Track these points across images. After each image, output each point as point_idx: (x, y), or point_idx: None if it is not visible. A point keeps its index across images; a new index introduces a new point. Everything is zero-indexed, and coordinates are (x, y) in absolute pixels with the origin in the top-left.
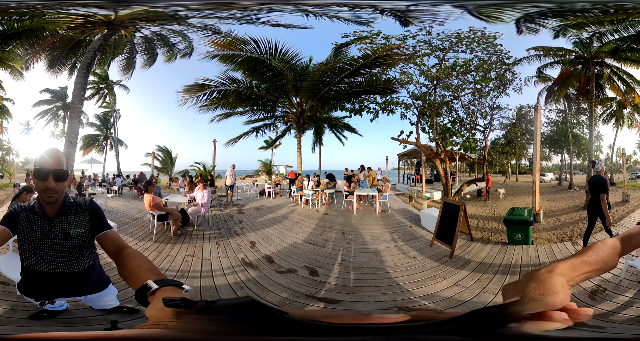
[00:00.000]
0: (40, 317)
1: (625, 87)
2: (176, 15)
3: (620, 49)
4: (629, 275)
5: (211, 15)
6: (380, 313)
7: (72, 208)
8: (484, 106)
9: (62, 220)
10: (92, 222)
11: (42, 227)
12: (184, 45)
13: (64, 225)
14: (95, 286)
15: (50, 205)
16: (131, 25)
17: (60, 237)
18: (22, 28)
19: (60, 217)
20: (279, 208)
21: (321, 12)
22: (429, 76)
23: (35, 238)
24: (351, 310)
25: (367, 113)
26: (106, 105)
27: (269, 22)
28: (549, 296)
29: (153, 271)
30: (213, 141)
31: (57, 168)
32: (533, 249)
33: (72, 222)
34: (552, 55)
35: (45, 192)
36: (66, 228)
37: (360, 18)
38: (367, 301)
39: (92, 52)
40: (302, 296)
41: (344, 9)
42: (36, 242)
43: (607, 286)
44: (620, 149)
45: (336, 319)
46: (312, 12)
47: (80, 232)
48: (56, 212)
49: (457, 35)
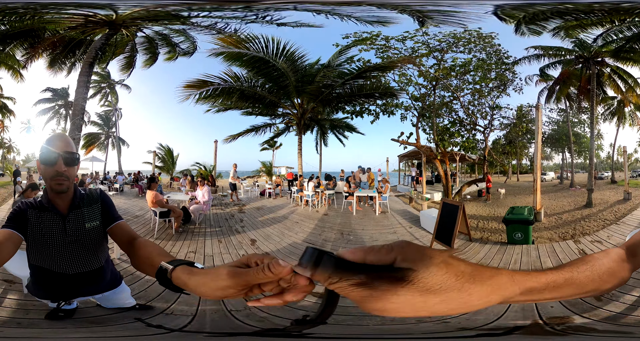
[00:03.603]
0: (55, 317)
1: (626, 86)
2: (179, 14)
3: (622, 49)
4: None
5: (215, 15)
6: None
7: (85, 200)
8: (484, 106)
9: (76, 214)
10: (104, 213)
11: (54, 225)
12: (186, 45)
13: (78, 219)
14: (111, 283)
15: (61, 197)
16: (133, 24)
17: (75, 234)
18: (24, 28)
19: (74, 211)
20: (280, 209)
21: (333, 11)
22: (427, 77)
23: (47, 237)
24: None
25: (368, 115)
26: (108, 104)
27: (276, 21)
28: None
29: (165, 255)
30: (214, 141)
31: (67, 151)
32: (534, 249)
33: (86, 214)
34: (552, 55)
35: (55, 179)
36: (81, 223)
37: (373, 18)
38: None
39: (94, 51)
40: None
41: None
42: (49, 241)
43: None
44: (620, 147)
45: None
46: (324, 11)
47: (95, 225)
48: (68, 205)
49: (454, 36)
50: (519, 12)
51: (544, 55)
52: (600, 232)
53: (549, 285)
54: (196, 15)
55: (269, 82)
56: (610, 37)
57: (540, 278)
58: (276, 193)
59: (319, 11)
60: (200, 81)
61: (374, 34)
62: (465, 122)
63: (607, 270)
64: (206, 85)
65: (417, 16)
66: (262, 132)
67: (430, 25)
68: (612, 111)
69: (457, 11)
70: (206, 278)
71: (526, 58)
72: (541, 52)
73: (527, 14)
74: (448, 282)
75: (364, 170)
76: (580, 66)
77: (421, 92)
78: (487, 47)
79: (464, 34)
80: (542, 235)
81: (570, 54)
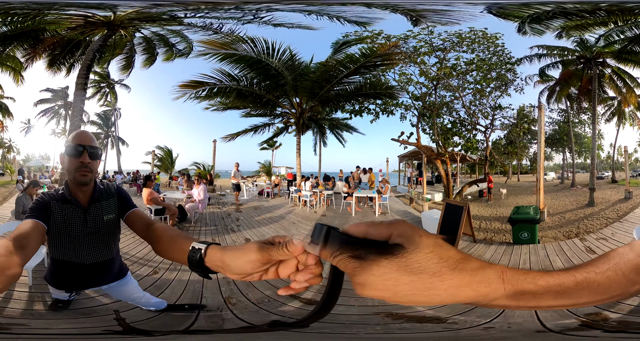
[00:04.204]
0: (56, 308)
1: (625, 87)
2: (175, 15)
3: (624, 50)
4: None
5: (210, 15)
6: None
7: (103, 194)
8: (485, 106)
9: (95, 207)
10: (120, 206)
11: (76, 217)
12: (184, 46)
13: (98, 212)
14: (119, 274)
15: (82, 190)
16: (130, 25)
17: (94, 226)
18: (24, 29)
19: (94, 204)
20: (277, 209)
21: (323, 12)
22: (428, 76)
23: (69, 229)
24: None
25: (367, 115)
26: (107, 104)
27: (270, 22)
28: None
29: (190, 237)
30: (213, 141)
31: (91, 145)
32: (541, 248)
33: (105, 207)
34: (555, 55)
35: (80, 170)
36: (100, 215)
37: (362, 18)
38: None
39: (92, 53)
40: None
41: (352, 7)
42: (70, 233)
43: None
44: (620, 147)
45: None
46: (314, 12)
47: (112, 217)
48: (89, 199)
49: (459, 35)
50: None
51: (547, 54)
52: (605, 230)
53: (551, 289)
54: (192, 16)
55: (264, 81)
56: (612, 38)
57: (538, 280)
58: (274, 193)
59: (309, 11)
60: (195, 81)
61: (375, 33)
62: (466, 122)
63: (634, 267)
64: (202, 85)
65: (410, 15)
66: (261, 132)
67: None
68: (612, 111)
69: (451, 10)
70: (239, 252)
71: (527, 57)
72: (544, 51)
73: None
74: (428, 263)
75: (365, 170)
76: (581, 66)
77: (422, 91)
78: (490, 47)
79: (469, 33)
80: (546, 234)
81: (572, 54)
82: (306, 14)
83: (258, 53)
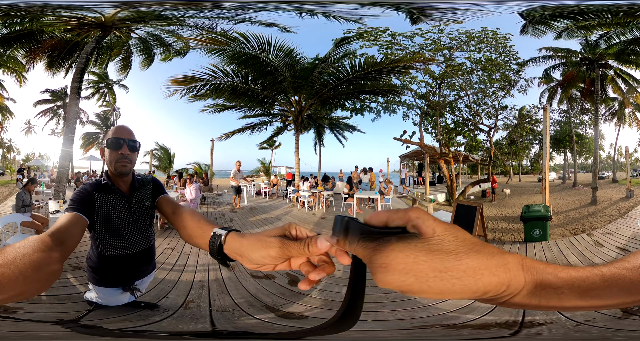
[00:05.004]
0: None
1: (627, 88)
2: (166, 15)
3: (626, 52)
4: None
5: (203, 15)
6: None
7: (141, 182)
8: (488, 106)
9: (137, 194)
10: (154, 193)
11: (121, 205)
12: (180, 45)
13: (139, 198)
14: (153, 265)
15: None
16: (122, 25)
17: (138, 212)
18: (24, 31)
19: (135, 192)
20: (274, 209)
21: (316, 10)
22: (433, 75)
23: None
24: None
25: (369, 113)
26: (106, 104)
27: (263, 22)
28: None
29: (212, 223)
30: (210, 140)
31: (130, 139)
32: (553, 244)
33: (144, 194)
34: (559, 56)
35: (120, 161)
36: (142, 202)
37: (358, 16)
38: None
39: (85, 56)
40: (263, 308)
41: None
42: (117, 221)
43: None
44: (621, 147)
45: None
46: (307, 10)
47: (150, 203)
48: (129, 187)
49: (469, 35)
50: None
51: (552, 56)
52: (609, 225)
53: (574, 283)
54: (181, 16)
55: (261, 78)
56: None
57: (559, 272)
58: (272, 193)
59: (301, 11)
60: (187, 77)
61: (380, 30)
62: (469, 122)
63: None
64: (194, 81)
65: (410, 14)
66: (258, 130)
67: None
68: (612, 112)
69: (450, 8)
70: (259, 243)
71: (532, 59)
72: (550, 53)
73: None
74: (445, 242)
75: (365, 170)
76: (585, 68)
77: (426, 89)
78: (499, 48)
79: (480, 33)
80: (554, 231)
81: (576, 55)
82: (297, 13)
83: (253, 48)
